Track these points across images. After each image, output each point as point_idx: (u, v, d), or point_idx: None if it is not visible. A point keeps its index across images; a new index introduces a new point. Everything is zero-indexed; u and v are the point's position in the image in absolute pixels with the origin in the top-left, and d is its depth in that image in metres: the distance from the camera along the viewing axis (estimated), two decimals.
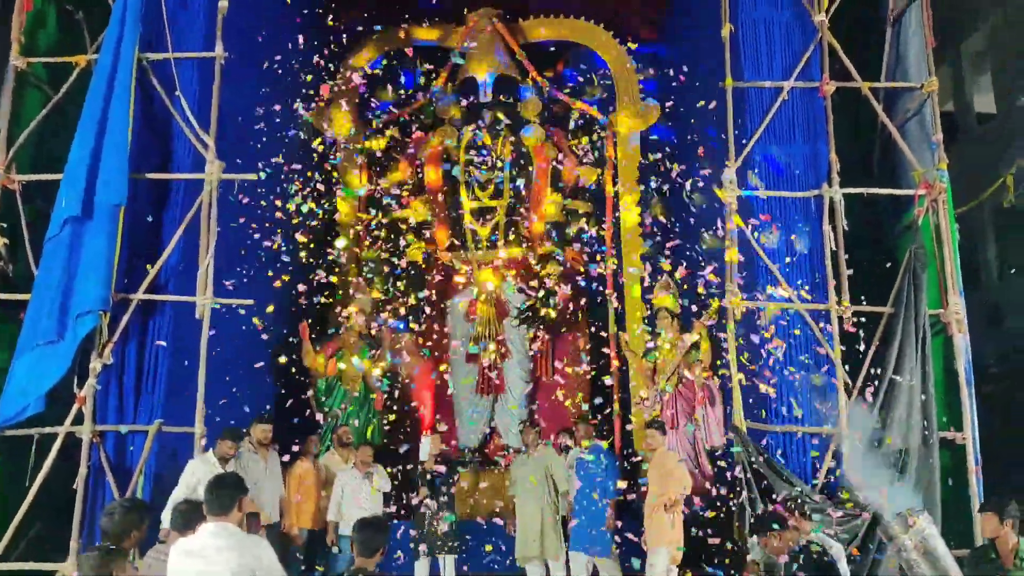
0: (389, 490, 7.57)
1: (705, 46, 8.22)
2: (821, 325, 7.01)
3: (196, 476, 6.03)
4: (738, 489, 6.62)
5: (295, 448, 7.32)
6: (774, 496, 6.38)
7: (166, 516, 5.53)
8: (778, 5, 7.62)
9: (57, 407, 6.46)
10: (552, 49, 10.47)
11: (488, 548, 7.53)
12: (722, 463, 7.61)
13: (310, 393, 8.50)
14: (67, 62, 7.34)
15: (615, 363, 9.43)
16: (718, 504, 6.91)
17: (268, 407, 7.97)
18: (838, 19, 7.70)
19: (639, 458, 8.55)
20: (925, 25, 7.55)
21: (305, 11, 9.24)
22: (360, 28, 9.90)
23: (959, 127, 11.19)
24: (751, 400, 6.97)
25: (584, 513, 7.08)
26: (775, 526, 5.39)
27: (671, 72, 8.91)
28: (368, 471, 7.35)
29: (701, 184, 8.05)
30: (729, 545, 6.54)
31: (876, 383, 6.83)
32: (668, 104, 9.74)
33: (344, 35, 9.85)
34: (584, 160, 9.92)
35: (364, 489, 7.22)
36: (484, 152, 9.74)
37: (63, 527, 6.21)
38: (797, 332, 6.98)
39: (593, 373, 9.40)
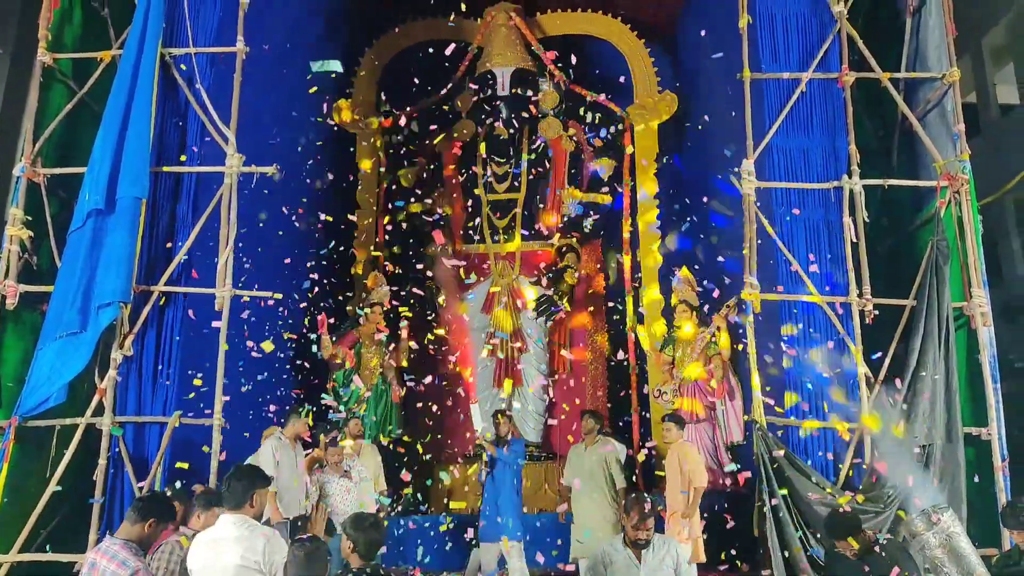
0: (371, 478, 7.24)
1: (722, 38, 8.17)
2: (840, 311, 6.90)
3: (274, 456, 6.18)
4: (758, 483, 6.57)
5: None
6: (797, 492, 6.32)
7: None
8: None
9: (77, 398, 6.53)
10: (569, 42, 10.46)
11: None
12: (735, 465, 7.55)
13: (329, 386, 8.55)
14: (92, 57, 7.42)
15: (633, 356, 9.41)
16: (738, 498, 6.86)
17: (304, 401, 7.94)
18: (856, 9, 7.63)
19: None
20: (946, 15, 7.44)
21: (324, 7, 9.30)
22: (379, 24, 9.95)
23: (981, 118, 11.07)
24: (770, 393, 6.91)
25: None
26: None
27: (689, 64, 8.87)
28: (344, 470, 6.94)
29: (720, 178, 7.99)
30: (748, 537, 6.50)
31: (899, 377, 6.75)
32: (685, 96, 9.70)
33: (363, 31, 9.90)
34: (601, 153, 9.90)
35: (342, 489, 6.88)
36: (502, 145, 9.73)
37: (83, 518, 6.26)
38: (815, 334, 6.87)
39: (611, 366, 9.38)
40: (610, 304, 9.85)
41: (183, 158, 7.08)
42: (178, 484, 6.04)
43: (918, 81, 7.71)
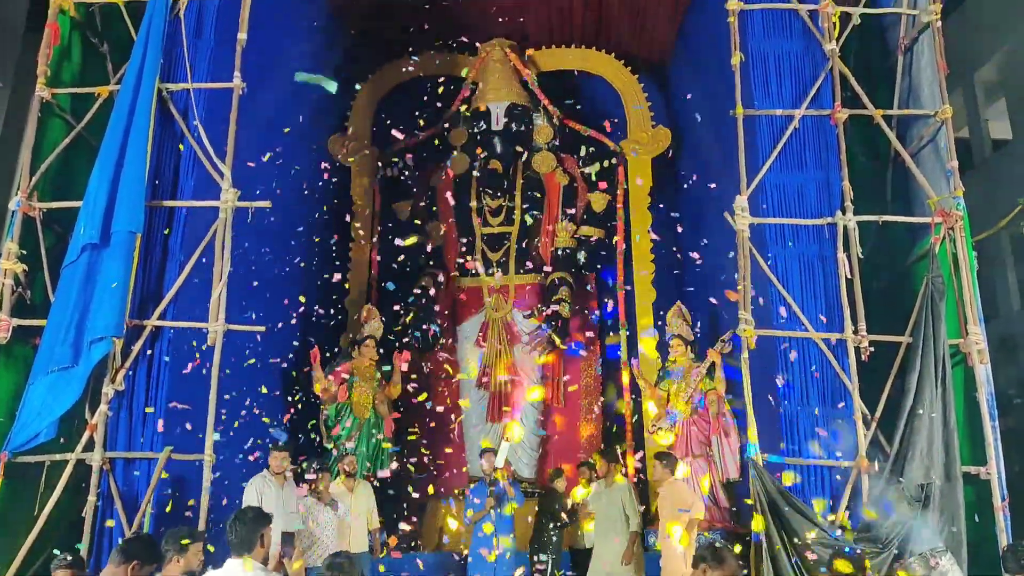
0: (364, 516, 7.28)
1: (715, 74, 8.23)
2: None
3: (257, 494, 6.23)
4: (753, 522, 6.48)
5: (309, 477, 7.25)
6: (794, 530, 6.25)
7: None
8: (788, 34, 7.59)
9: (67, 434, 6.47)
10: (563, 78, 10.57)
11: None
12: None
13: (321, 420, 8.49)
14: (90, 92, 7.46)
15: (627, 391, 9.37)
16: (734, 536, 6.78)
17: (283, 433, 7.91)
18: (848, 47, 7.69)
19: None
20: (937, 53, 7.50)
21: (321, 43, 9.40)
22: (375, 59, 10.04)
23: (974, 153, 11.13)
24: (767, 431, 6.85)
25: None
26: None
27: (682, 100, 8.93)
28: (331, 500, 6.97)
29: (714, 214, 8.01)
30: None
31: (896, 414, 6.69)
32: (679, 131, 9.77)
33: (359, 66, 9.98)
34: (595, 187, 9.94)
35: (327, 521, 6.90)
36: (495, 179, 9.77)
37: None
38: (815, 371, 6.83)
39: (605, 400, 9.33)
40: (604, 338, 9.83)
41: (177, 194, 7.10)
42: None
43: (911, 117, 7.75)
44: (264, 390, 7.53)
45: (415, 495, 8.16)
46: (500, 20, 10.06)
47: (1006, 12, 10.27)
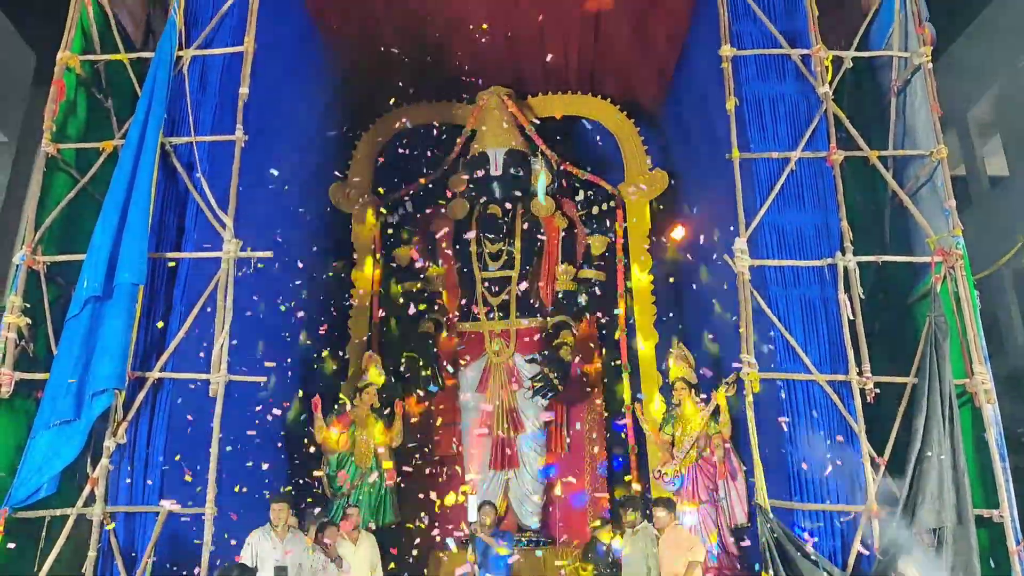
0: (368, 570, 7.25)
1: (710, 118, 8.32)
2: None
3: (252, 549, 6.33)
4: (762, 568, 6.39)
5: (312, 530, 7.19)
6: None
7: None
8: (782, 78, 7.69)
9: (67, 488, 6.43)
10: (560, 123, 10.68)
11: None
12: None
13: (323, 469, 8.42)
14: (94, 147, 7.55)
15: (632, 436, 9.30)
16: None
17: (280, 484, 7.87)
18: (842, 89, 7.78)
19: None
20: (930, 94, 7.58)
21: (322, 92, 9.55)
22: (375, 108, 10.18)
23: (971, 190, 11.20)
24: (774, 475, 6.76)
25: None
26: None
27: (677, 143, 9.01)
28: (337, 556, 6.94)
29: (714, 256, 8.03)
30: None
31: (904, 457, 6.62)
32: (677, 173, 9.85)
33: (359, 115, 10.11)
34: (594, 230, 9.99)
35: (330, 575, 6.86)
36: (495, 223, 9.83)
37: None
38: (814, 413, 6.78)
39: (610, 445, 9.26)
40: (606, 381, 9.80)
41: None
42: None
43: (907, 157, 7.81)
44: (262, 441, 7.47)
45: (416, 544, 8.04)
46: (497, 69, 10.24)
47: (994, 53, 10.45)
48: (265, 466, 7.53)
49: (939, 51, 7.80)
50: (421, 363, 9.12)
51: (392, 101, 10.39)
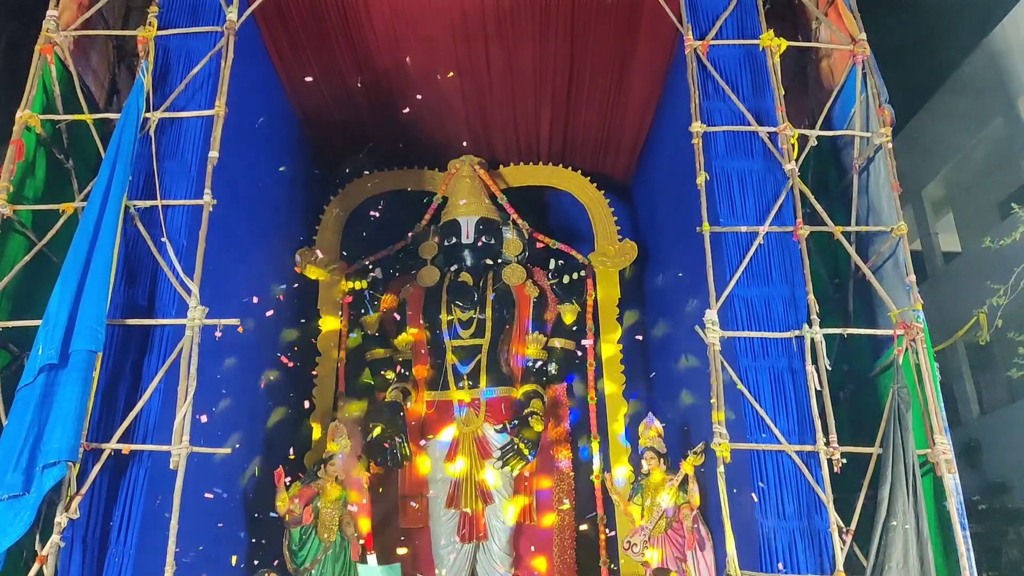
0: None
1: (680, 191, 8.50)
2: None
3: None
4: None
5: None
6: None
7: None
8: (750, 154, 7.90)
9: (13, 567, 6.07)
10: (532, 193, 10.82)
11: None
12: None
13: (284, 544, 8.12)
14: (53, 209, 7.35)
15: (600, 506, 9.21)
16: None
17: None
18: (806, 167, 8.04)
19: None
20: (891, 172, 7.87)
21: (289, 157, 9.55)
22: (343, 174, 10.19)
23: (927, 265, 11.58)
24: (742, 545, 6.74)
25: None
26: None
27: (647, 215, 9.18)
28: None
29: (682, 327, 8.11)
30: None
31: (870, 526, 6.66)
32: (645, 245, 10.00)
33: (327, 181, 10.10)
34: (564, 299, 10.04)
35: None
36: (465, 292, 9.81)
37: None
38: (764, 484, 6.82)
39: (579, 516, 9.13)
40: (575, 450, 9.72)
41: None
42: None
43: (870, 233, 8.06)
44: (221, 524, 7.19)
45: None
46: (469, 139, 10.40)
47: (947, 133, 10.95)
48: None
49: (896, 130, 8.12)
50: (388, 433, 8.93)
51: (362, 168, 10.43)
